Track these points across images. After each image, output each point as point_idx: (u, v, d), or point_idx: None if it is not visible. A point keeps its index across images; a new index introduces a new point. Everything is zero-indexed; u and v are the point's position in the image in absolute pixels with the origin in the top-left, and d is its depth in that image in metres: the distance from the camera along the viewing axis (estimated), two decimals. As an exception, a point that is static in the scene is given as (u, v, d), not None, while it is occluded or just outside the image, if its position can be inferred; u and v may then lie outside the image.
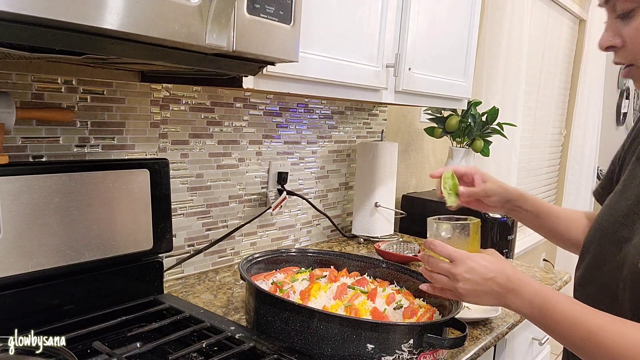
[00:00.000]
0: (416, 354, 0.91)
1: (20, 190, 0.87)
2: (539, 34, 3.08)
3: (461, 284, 0.83)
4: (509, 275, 0.82)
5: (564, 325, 0.76)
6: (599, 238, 0.86)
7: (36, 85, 1.00)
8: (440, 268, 0.86)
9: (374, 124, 1.95)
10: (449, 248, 0.86)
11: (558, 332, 0.78)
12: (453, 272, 0.84)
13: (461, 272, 0.83)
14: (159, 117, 1.23)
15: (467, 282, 0.83)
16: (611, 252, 0.82)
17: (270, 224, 1.59)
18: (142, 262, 1.09)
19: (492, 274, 0.82)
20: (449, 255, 0.85)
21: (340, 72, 1.18)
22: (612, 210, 0.86)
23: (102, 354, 0.85)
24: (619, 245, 0.80)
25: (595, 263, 0.86)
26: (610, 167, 0.99)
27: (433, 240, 0.89)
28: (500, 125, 2.03)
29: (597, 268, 0.85)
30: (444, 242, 0.87)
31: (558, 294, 0.80)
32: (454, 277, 0.84)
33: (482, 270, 0.82)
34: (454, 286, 0.84)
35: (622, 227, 0.81)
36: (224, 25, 0.72)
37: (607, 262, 0.82)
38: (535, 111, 3.29)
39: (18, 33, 0.58)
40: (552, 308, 0.78)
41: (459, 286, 0.83)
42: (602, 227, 0.86)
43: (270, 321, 0.97)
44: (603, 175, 1.01)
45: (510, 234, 1.82)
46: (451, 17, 1.57)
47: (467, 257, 0.84)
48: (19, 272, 0.87)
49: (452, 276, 0.84)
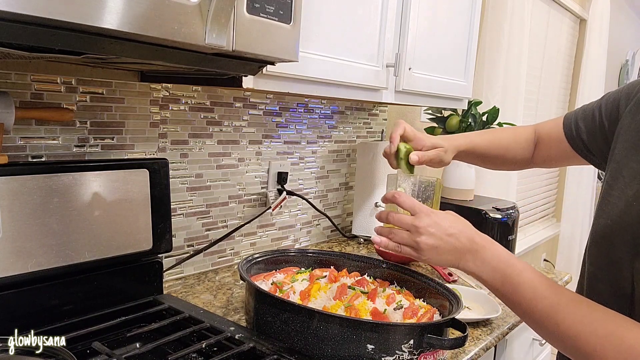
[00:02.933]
0: (416, 355, 0.90)
1: (19, 190, 0.87)
2: (539, 33, 3.08)
3: (424, 237, 0.78)
4: (473, 235, 0.79)
5: (526, 296, 0.73)
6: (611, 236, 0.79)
7: (35, 85, 1.00)
8: (403, 221, 0.81)
9: (374, 123, 1.95)
10: (414, 200, 0.82)
11: (518, 304, 0.74)
12: (416, 225, 0.79)
13: (425, 225, 0.78)
14: (159, 116, 1.23)
15: (430, 236, 0.78)
16: (628, 255, 0.74)
17: (270, 224, 1.59)
18: (142, 262, 1.09)
19: (456, 231, 0.78)
20: (412, 207, 0.81)
21: (340, 72, 1.18)
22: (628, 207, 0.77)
23: (101, 354, 0.84)
24: (636, 248, 0.73)
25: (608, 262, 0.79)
26: (596, 111, 0.94)
27: (398, 191, 0.84)
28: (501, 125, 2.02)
29: (610, 268, 0.78)
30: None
31: (524, 263, 0.76)
32: (417, 230, 0.79)
33: (446, 225, 0.79)
34: (415, 240, 0.79)
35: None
36: (224, 25, 0.72)
37: (624, 267, 0.75)
38: (536, 111, 3.29)
39: (18, 33, 0.58)
40: (517, 276, 0.74)
41: (420, 240, 0.78)
42: (618, 226, 0.78)
43: (270, 321, 0.97)
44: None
45: (510, 234, 1.82)
46: (451, 17, 1.57)
47: (432, 211, 0.80)
48: (18, 272, 0.87)
49: (415, 229, 0.79)
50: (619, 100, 0.89)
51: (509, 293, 0.75)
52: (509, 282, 0.75)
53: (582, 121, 0.98)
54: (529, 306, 0.73)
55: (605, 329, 0.67)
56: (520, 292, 0.74)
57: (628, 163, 0.81)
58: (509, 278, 0.75)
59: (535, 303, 0.72)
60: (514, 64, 2.52)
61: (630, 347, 0.64)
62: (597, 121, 0.94)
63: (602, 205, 0.84)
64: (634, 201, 0.76)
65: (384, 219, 0.85)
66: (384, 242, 0.84)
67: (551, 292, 0.72)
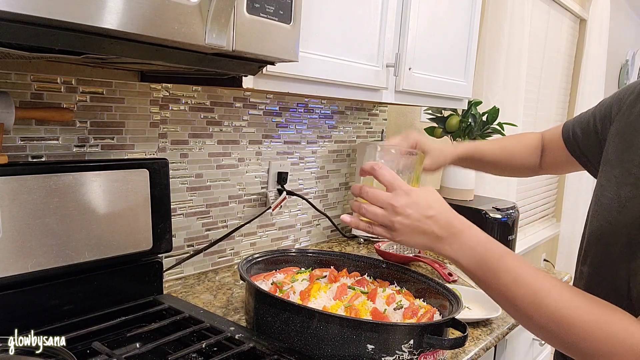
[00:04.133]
0: (416, 355, 0.90)
1: (19, 190, 0.87)
2: (539, 33, 3.08)
3: (400, 217, 0.73)
4: (451, 217, 0.75)
5: (506, 282, 0.70)
6: (606, 237, 0.79)
7: (35, 85, 1.00)
8: (379, 198, 0.75)
9: (374, 123, 1.95)
10: (394, 174, 0.76)
11: (497, 290, 0.71)
12: (393, 204, 0.74)
13: (402, 204, 0.73)
14: (159, 116, 1.23)
15: (407, 217, 0.73)
16: (624, 256, 0.75)
17: (270, 224, 1.59)
18: (142, 262, 1.09)
19: (435, 213, 0.74)
20: (392, 182, 0.75)
21: (340, 72, 1.18)
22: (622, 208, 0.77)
23: (101, 354, 0.84)
24: (632, 249, 0.73)
25: (604, 263, 0.79)
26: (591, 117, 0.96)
27: (377, 162, 0.78)
28: (501, 125, 2.02)
29: (606, 269, 0.79)
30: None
31: (505, 248, 0.73)
32: (393, 210, 0.74)
33: (424, 206, 0.74)
34: (390, 220, 0.74)
35: (635, 231, 0.73)
36: (224, 25, 0.72)
37: (620, 268, 0.75)
38: (536, 111, 3.28)
39: (18, 33, 0.58)
40: (497, 261, 0.71)
41: (396, 220, 0.73)
42: (613, 227, 0.78)
43: (270, 322, 0.97)
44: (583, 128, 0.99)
45: (510, 234, 1.82)
46: (451, 17, 1.57)
47: (411, 189, 0.75)
48: (18, 272, 0.87)
49: (392, 208, 0.74)
50: (611, 105, 0.91)
51: (488, 278, 0.72)
52: (488, 267, 0.72)
53: (579, 127, 1.00)
54: (510, 292, 0.70)
55: (589, 313, 0.66)
56: (500, 277, 0.71)
57: (620, 164, 0.81)
58: (488, 263, 0.72)
59: (516, 289, 0.69)
60: (514, 64, 2.52)
61: (616, 332, 0.64)
62: (591, 126, 0.96)
63: (596, 206, 0.84)
64: (627, 202, 0.77)
65: (357, 192, 0.79)
66: (354, 222, 0.79)
67: (533, 278, 0.69)
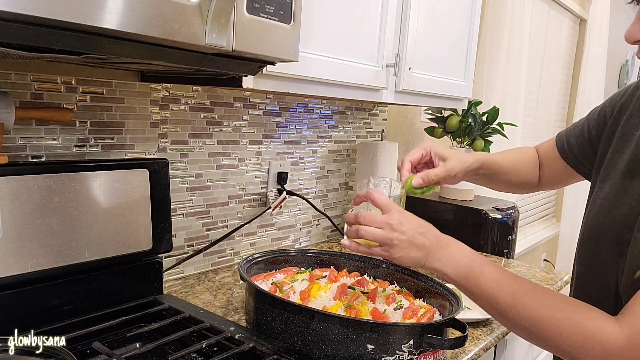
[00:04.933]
0: (416, 355, 0.90)
1: (19, 190, 0.87)
2: (539, 33, 3.08)
3: (397, 234, 0.81)
4: (438, 233, 0.84)
5: (489, 288, 0.77)
6: (597, 236, 0.82)
7: (35, 85, 1.00)
8: (376, 220, 0.83)
9: (374, 123, 1.95)
10: (386, 197, 0.85)
11: (481, 296, 0.78)
12: (390, 222, 0.82)
13: (398, 222, 0.82)
14: (159, 116, 1.23)
15: (403, 233, 0.81)
16: (613, 254, 0.77)
17: (270, 224, 1.59)
18: (142, 262, 1.09)
19: (425, 229, 0.83)
20: (386, 204, 0.84)
21: (340, 72, 1.18)
22: (612, 207, 0.80)
23: (101, 354, 0.84)
24: (621, 247, 0.76)
25: (594, 261, 0.82)
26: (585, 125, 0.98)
27: (371, 189, 0.88)
28: (501, 125, 2.02)
29: (596, 266, 0.81)
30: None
31: (485, 258, 0.81)
32: (391, 227, 0.81)
33: (415, 223, 0.83)
34: (389, 237, 0.81)
35: (624, 229, 0.76)
36: (224, 25, 0.72)
37: (609, 265, 0.78)
38: (536, 111, 3.28)
39: (18, 33, 0.58)
40: (479, 269, 0.78)
41: (394, 236, 0.81)
42: (603, 225, 0.81)
43: (270, 321, 0.97)
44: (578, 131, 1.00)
45: (510, 234, 1.82)
46: (451, 17, 1.57)
47: (400, 209, 0.85)
48: (18, 272, 0.87)
49: (389, 226, 0.82)
50: (604, 111, 0.94)
51: (473, 286, 0.79)
52: (472, 275, 0.79)
53: (573, 136, 1.02)
54: (492, 297, 0.77)
55: (562, 311, 0.71)
56: (482, 283, 0.78)
57: (614, 165, 0.84)
58: (472, 272, 0.79)
59: (497, 293, 0.76)
60: (514, 64, 2.52)
61: (587, 328, 0.69)
62: (586, 134, 0.98)
63: (590, 206, 0.88)
64: (617, 201, 0.80)
65: (353, 219, 0.86)
66: (354, 246, 0.86)
67: (511, 282, 0.77)
